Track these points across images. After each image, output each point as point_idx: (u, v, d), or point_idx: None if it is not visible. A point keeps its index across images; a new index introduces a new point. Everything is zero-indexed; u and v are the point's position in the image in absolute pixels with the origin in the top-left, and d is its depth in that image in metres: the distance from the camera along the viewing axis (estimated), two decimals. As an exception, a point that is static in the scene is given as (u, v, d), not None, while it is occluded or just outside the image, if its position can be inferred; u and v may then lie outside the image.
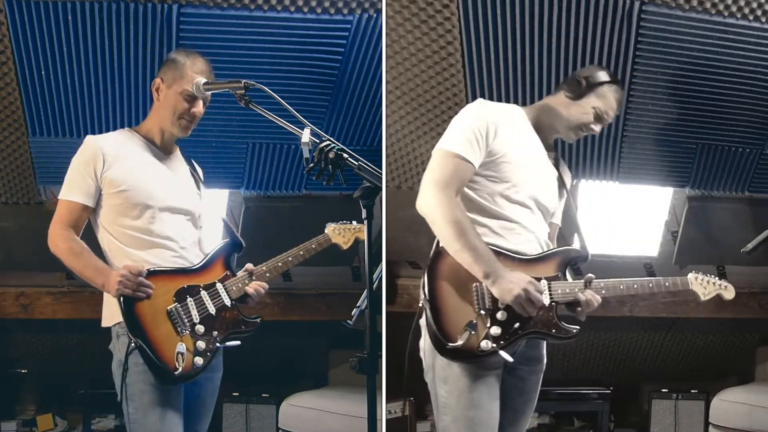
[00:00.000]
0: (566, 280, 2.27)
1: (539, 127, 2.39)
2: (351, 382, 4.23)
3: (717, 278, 2.39)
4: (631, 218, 4.10)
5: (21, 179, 3.60)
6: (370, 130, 3.64)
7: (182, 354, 2.19)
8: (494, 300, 2.15)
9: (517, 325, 2.16)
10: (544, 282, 2.22)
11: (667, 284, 2.33)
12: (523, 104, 3.34)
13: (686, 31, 3.06)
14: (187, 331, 2.25)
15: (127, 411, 2.22)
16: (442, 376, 2.22)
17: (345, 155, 1.93)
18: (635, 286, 2.29)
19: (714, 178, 3.68)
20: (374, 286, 1.95)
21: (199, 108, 2.38)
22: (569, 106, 2.36)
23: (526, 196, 2.27)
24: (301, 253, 2.58)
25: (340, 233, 2.71)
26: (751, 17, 3.02)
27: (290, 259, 2.54)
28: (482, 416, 2.18)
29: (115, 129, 2.53)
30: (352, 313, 2.68)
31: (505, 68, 3.23)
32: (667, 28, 3.05)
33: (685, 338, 4.58)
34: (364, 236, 2.72)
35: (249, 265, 2.47)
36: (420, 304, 2.21)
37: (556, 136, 2.45)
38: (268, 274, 2.48)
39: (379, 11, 3.14)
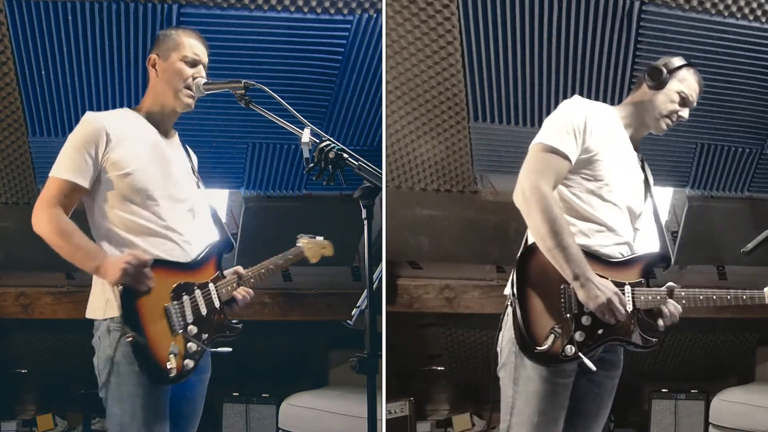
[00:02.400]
0: (649, 285, 2.23)
1: (629, 126, 2.35)
2: (351, 382, 4.23)
3: None
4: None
5: (21, 179, 3.60)
6: (370, 130, 3.64)
7: (174, 354, 2.09)
8: (580, 304, 2.12)
9: (600, 331, 2.13)
10: (627, 287, 2.18)
11: (744, 297, 2.25)
12: (524, 104, 3.38)
13: (686, 31, 3.06)
14: (181, 331, 2.15)
15: (113, 412, 2.10)
16: (514, 376, 2.18)
17: (345, 155, 1.93)
18: (714, 297, 2.23)
19: (714, 178, 3.69)
20: (374, 286, 1.94)
21: (201, 73, 2.26)
22: (654, 96, 2.32)
23: (618, 197, 2.24)
24: (280, 262, 2.52)
25: (311, 247, 2.64)
26: (751, 17, 3.02)
27: (271, 267, 2.47)
28: (546, 424, 2.15)
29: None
30: (352, 313, 2.68)
31: (505, 68, 3.23)
32: (667, 28, 3.05)
33: (685, 338, 4.57)
34: (330, 253, 2.65)
35: (239, 268, 2.38)
36: (508, 302, 2.18)
37: (647, 133, 2.40)
38: (252, 280, 2.40)
39: (379, 11, 3.14)
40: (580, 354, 2.09)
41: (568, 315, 2.12)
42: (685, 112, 2.34)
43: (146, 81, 2.32)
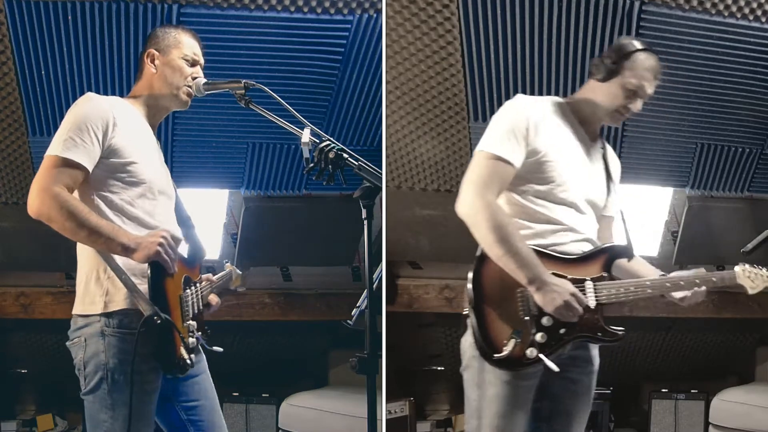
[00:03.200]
0: (611, 279, 2.18)
1: (583, 118, 2.24)
2: (351, 382, 4.23)
3: (765, 270, 2.19)
4: (631, 218, 4.10)
5: (21, 179, 3.60)
6: (370, 130, 3.64)
7: (185, 345, 2.05)
8: (539, 305, 2.09)
9: (562, 330, 2.09)
10: (589, 283, 2.13)
11: (714, 279, 2.22)
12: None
13: (686, 31, 3.06)
14: (187, 323, 2.11)
15: (100, 418, 1.99)
16: (476, 380, 2.17)
17: (345, 155, 1.92)
18: (681, 283, 2.22)
19: (714, 178, 3.69)
20: (374, 286, 1.94)
21: (200, 74, 2.24)
22: (600, 90, 2.20)
23: (573, 195, 2.17)
24: (222, 282, 2.48)
25: (236, 275, 2.60)
26: (751, 17, 3.02)
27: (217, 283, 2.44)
28: (507, 427, 2.12)
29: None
30: (352, 313, 2.68)
31: (505, 68, 3.23)
32: (667, 28, 3.05)
33: (685, 338, 4.58)
34: (239, 283, 2.59)
35: (210, 276, 2.39)
36: (464, 311, 2.15)
37: (602, 123, 2.31)
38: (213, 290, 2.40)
39: (379, 11, 3.14)
40: (540, 356, 2.06)
41: (527, 318, 2.08)
42: (637, 104, 2.20)
43: (146, 81, 2.29)
